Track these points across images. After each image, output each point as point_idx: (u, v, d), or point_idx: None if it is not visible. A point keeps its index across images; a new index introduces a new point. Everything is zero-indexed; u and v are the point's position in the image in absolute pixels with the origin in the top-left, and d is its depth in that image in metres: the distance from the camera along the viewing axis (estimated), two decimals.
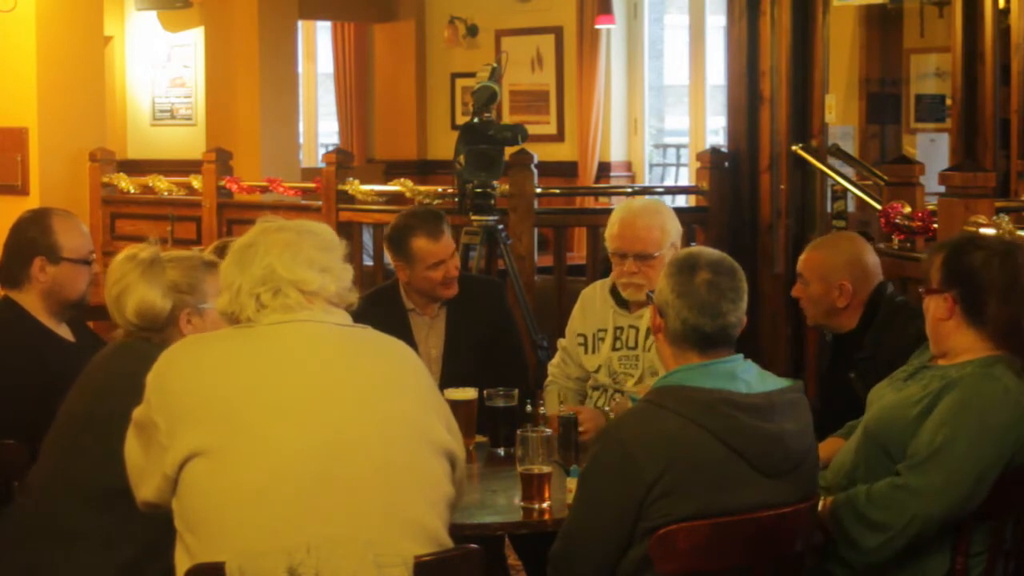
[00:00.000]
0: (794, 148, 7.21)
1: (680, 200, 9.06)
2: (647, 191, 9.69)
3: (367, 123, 12.66)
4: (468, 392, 3.98)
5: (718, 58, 9.61)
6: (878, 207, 5.95)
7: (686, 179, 11.39)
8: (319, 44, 13.66)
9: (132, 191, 8.94)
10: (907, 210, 5.48)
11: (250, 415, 2.58)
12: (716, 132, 11.58)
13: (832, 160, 7.22)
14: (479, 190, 6.33)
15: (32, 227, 4.10)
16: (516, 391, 4.06)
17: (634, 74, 11.23)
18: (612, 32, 10.99)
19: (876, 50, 9.31)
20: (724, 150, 7.52)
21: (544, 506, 3.38)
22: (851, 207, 7.27)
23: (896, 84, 9.35)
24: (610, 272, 4.51)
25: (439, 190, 7.67)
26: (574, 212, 9.28)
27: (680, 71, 11.97)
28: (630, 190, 9.85)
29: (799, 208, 7.30)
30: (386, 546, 2.53)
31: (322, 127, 13.87)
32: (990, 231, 4.69)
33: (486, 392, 4.03)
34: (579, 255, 9.13)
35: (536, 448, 3.40)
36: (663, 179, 11.94)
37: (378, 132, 12.60)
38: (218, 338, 2.76)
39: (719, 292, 2.94)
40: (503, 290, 5.05)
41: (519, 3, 11.38)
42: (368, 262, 8.04)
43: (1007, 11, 7.41)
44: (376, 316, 3.11)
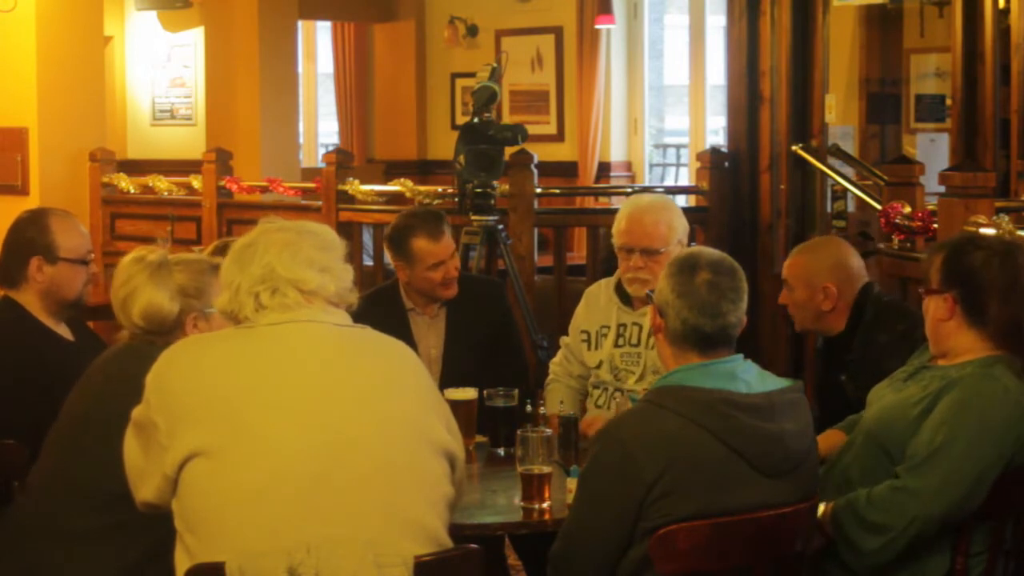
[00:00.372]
0: (794, 148, 7.21)
1: (680, 200, 9.03)
2: (647, 191, 9.64)
3: (367, 123, 12.65)
4: (468, 392, 3.98)
5: (718, 58, 9.61)
6: (878, 207, 5.95)
7: (686, 179, 11.38)
8: (319, 44, 13.65)
9: (132, 191, 8.93)
10: (907, 210, 5.48)
11: (250, 415, 2.58)
12: (716, 132, 11.58)
13: (832, 160, 7.22)
14: (479, 190, 6.32)
15: (30, 227, 4.10)
16: (516, 391, 4.06)
17: (634, 74, 11.23)
18: (612, 32, 10.99)
19: (876, 50, 9.31)
20: (724, 150, 7.51)
21: (544, 506, 3.38)
22: (851, 207, 7.27)
23: (896, 84, 9.35)
24: (612, 272, 4.52)
25: (439, 190, 7.66)
26: (574, 212, 9.28)
27: (680, 71, 11.97)
28: (630, 190, 9.80)
29: (799, 208, 7.30)
30: (386, 546, 2.53)
31: (322, 127, 13.87)
32: (990, 231, 4.69)
33: (486, 392, 4.03)
34: (579, 255, 9.12)
35: (536, 448, 3.40)
36: (663, 179, 11.93)
37: (378, 132, 12.60)
38: (218, 338, 2.76)
39: (719, 292, 2.94)
40: (503, 290, 5.05)
41: (519, 3, 11.38)
42: (368, 262, 8.04)
43: (1007, 11, 7.41)
44: (376, 316, 3.11)
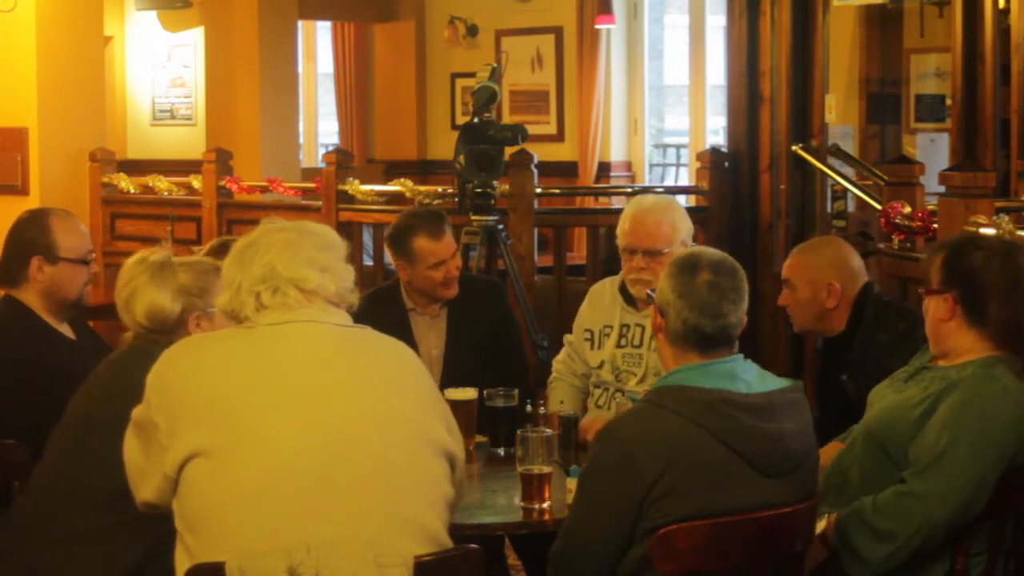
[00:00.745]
0: (794, 148, 7.21)
1: (680, 200, 9.03)
2: (647, 191, 9.63)
3: (367, 123, 12.65)
4: (468, 392, 3.98)
5: (718, 58, 9.61)
6: (878, 207, 5.95)
7: (686, 179, 11.38)
8: (319, 44, 13.65)
9: (132, 191, 8.92)
10: (907, 210, 5.48)
11: (250, 415, 2.58)
12: (716, 132, 11.58)
13: (832, 160, 7.22)
14: (479, 190, 6.32)
15: (30, 227, 4.10)
16: (516, 391, 4.06)
17: (634, 74, 11.23)
18: (612, 32, 10.99)
19: (876, 50, 9.31)
20: (724, 150, 7.51)
21: (544, 506, 3.38)
22: (851, 207, 7.27)
23: (896, 84, 9.35)
24: (611, 272, 4.51)
25: (439, 190, 7.66)
26: (574, 212, 9.27)
27: (680, 71, 11.97)
28: (630, 190, 9.82)
29: (799, 208, 7.30)
30: (386, 546, 2.53)
31: (322, 127, 13.86)
32: (990, 231, 4.69)
33: (486, 392, 4.03)
34: (579, 255, 9.12)
35: (536, 448, 3.40)
36: (663, 179, 11.93)
37: (378, 132, 12.60)
38: (219, 338, 2.77)
39: (720, 293, 2.93)
40: (503, 290, 5.05)
41: (519, 3, 11.38)
42: (368, 262, 8.03)
43: (1007, 11, 7.41)
44: (377, 316, 3.11)
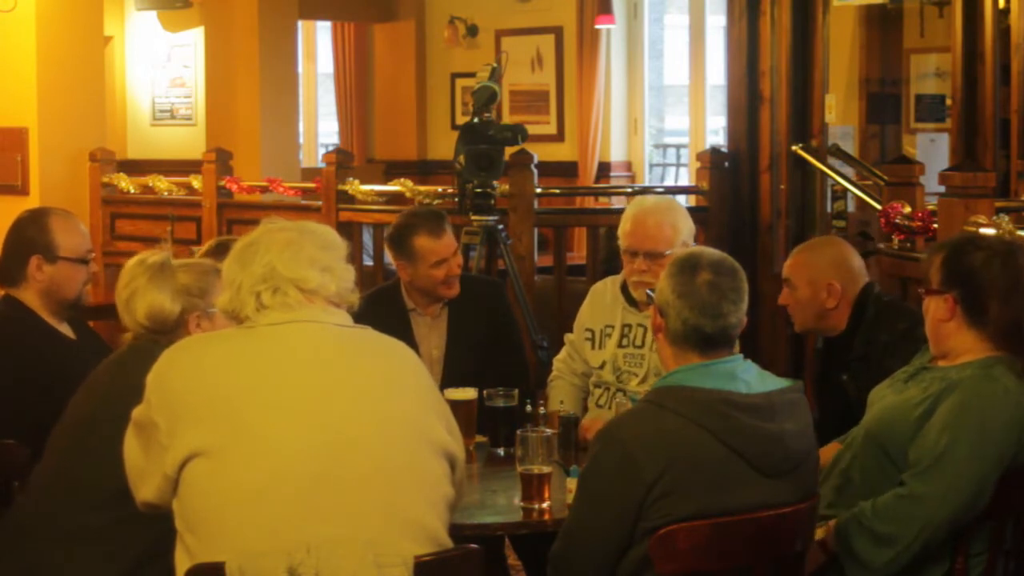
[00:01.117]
0: (794, 148, 7.21)
1: (680, 200, 9.03)
2: (647, 191, 9.64)
3: (367, 123, 12.65)
4: (468, 392, 3.98)
5: (718, 58, 9.61)
6: (878, 207, 5.94)
7: (686, 179, 11.38)
8: (319, 44, 13.65)
9: (132, 191, 8.92)
10: (907, 210, 5.48)
11: (250, 415, 2.58)
12: (716, 132, 11.58)
13: (832, 160, 7.22)
14: (479, 190, 6.32)
15: (30, 226, 4.10)
16: (516, 391, 4.06)
17: (634, 74, 11.23)
18: (612, 32, 10.99)
19: (876, 50, 9.31)
20: (724, 150, 7.51)
21: (544, 506, 3.38)
22: (851, 207, 7.27)
23: (896, 84, 9.35)
24: (612, 272, 4.51)
25: (439, 190, 7.65)
26: (574, 212, 9.27)
27: (680, 71, 11.97)
28: (630, 190, 9.83)
29: (799, 208, 7.30)
30: (386, 546, 2.53)
31: (322, 127, 13.86)
32: (990, 231, 4.69)
33: (486, 392, 4.03)
34: (579, 255, 9.12)
35: (536, 448, 3.40)
36: (663, 179, 11.93)
37: (378, 132, 12.60)
38: (219, 338, 2.77)
39: (720, 293, 2.93)
40: (503, 290, 5.05)
41: (519, 3, 11.38)
42: (368, 262, 8.03)
43: (1007, 11, 7.41)
44: (377, 316, 3.10)
